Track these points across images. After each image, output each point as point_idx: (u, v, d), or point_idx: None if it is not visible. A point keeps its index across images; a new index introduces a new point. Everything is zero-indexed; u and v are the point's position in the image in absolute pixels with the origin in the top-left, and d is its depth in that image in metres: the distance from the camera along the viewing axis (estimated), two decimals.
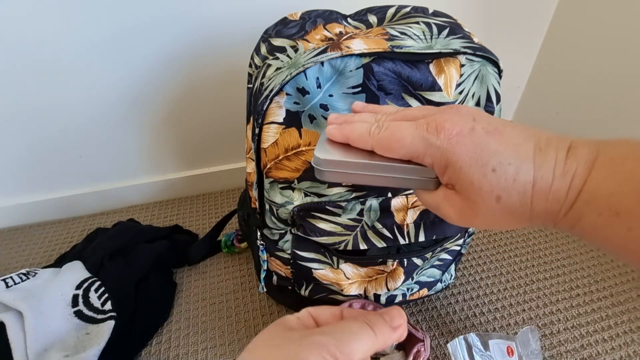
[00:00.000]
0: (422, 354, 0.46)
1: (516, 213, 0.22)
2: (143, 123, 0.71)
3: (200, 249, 0.66)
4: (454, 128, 0.23)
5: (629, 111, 0.71)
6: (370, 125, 0.26)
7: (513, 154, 0.22)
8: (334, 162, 0.26)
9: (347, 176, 0.26)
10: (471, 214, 0.24)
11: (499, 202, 0.22)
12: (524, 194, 0.22)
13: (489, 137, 0.22)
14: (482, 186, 0.22)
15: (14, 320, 0.47)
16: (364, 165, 0.25)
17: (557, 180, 0.21)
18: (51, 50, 0.58)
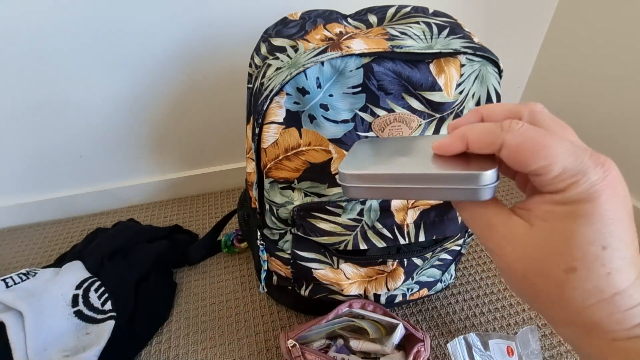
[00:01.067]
0: (422, 354, 0.46)
1: (571, 297, 0.19)
2: (143, 123, 0.71)
3: (200, 249, 0.66)
4: (616, 172, 0.19)
5: (629, 111, 0.71)
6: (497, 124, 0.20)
7: (631, 254, 0.19)
8: (363, 177, 0.23)
9: (378, 191, 0.23)
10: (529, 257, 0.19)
11: (568, 273, 0.18)
12: (599, 291, 0.18)
13: (629, 218, 0.19)
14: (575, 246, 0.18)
15: (14, 320, 0.47)
16: (400, 177, 0.22)
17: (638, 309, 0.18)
18: (51, 50, 0.58)
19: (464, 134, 0.21)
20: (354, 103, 0.38)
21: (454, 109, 0.40)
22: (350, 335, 0.50)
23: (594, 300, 0.18)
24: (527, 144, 0.19)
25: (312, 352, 0.44)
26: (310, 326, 0.46)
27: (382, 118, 0.38)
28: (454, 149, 0.21)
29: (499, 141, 0.19)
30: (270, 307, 0.59)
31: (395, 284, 0.49)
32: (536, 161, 0.18)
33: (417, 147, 0.25)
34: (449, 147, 0.21)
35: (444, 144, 0.21)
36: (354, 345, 0.49)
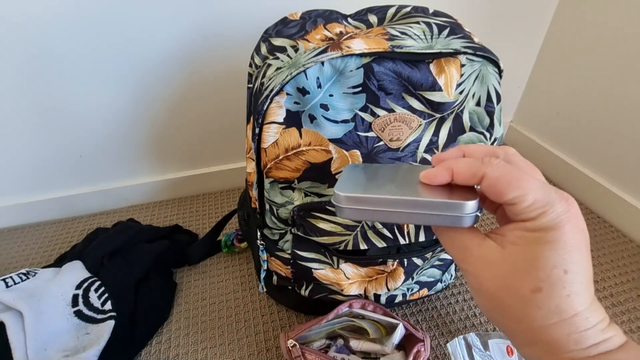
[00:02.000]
0: (422, 354, 0.46)
1: (534, 316, 0.21)
2: (143, 123, 0.71)
3: (200, 249, 0.66)
4: (576, 207, 0.22)
5: (629, 111, 0.71)
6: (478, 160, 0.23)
7: (587, 280, 0.21)
8: (357, 199, 0.24)
9: (371, 213, 0.24)
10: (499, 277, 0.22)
11: (534, 293, 0.21)
12: (560, 311, 0.20)
13: (587, 248, 0.22)
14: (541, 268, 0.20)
15: (14, 320, 0.47)
16: (393, 202, 0.23)
17: (593, 330, 0.21)
18: (51, 51, 0.58)
19: (450, 166, 0.23)
20: (354, 103, 0.38)
21: (454, 109, 0.40)
22: (350, 335, 0.50)
23: (555, 319, 0.20)
24: (505, 177, 0.21)
25: (312, 352, 0.44)
26: (310, 326, 0.46)
27: (382, 118, 0.38)
28: (440, 179, 0.24)
29: (480, 173, 0.22)
30: (270, 307, 0.59)
31: (395, 284, 0.49)
32: (512, 191, 0.21)
33: (405, 175, 0.27)
34: (435, 177, 0.24)
35: (432, 173, 0.24)
36: (354, 345, 0.49)
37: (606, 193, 0.76)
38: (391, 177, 0.27)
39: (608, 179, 0.77)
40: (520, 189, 0.21)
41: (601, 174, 0.78)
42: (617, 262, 0.67)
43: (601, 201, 0.78)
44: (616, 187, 0.75)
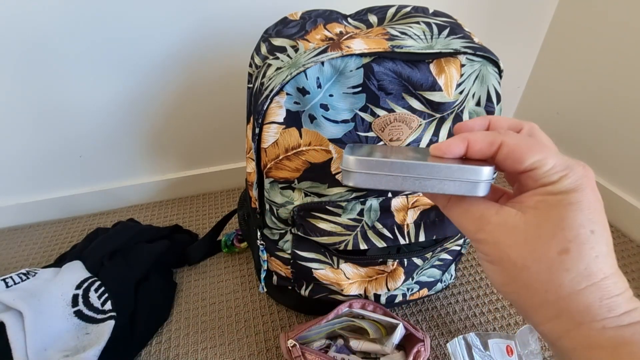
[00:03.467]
0: (422, 354, 0.46)
1: (563, 281, 0.20)
2: (143, 123, 0.71)
3: (200, 249, 0.66)
4: (592, 172, 0.22)
5: (629, 111, 0.71)
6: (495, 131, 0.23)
7: (611, 243, 0.21)
8: (369, 163, 0.22)
9: (381, 180, 0.23)
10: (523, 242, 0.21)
11: (562, 254, 0.20)
12: (589, 273, 0.20)
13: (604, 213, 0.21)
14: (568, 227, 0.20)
15: (14, 320, 0.47)
16: (406, 166, 0.22)
17: (623, 297, 0.20)
18: (51, 51, 0.58)
19: (465, 137, 0.23)
20: (354, 103, 0.38)
21: (454, 109, 0.40)
22: (350, 335, 0.50)
23: (584, 283, 0.20)
24: (524, 142, 0.21)
25: (312, 352, 0.44)
26: (310, 326, 0.46)
27: (382, 118, 0.38)
28: (455, 150, 0.23)
29: (498, 140, 0.22)
30: (270, 307, 0.59)
31: (395, 284, 0.49)
32: (533, 156, 0.21)
33: (415, 151, 0.26)
34: (449, 147, 0.23)
35: (446, 144, 0.23)
36: (354, 345, 0.49)
37: (606, 193, 0.76)
38: (402, 151, 0.26)
39: (608, 179, 0.77)
40: (540, 152, 0.21)
41: (601, 174, 0.78)
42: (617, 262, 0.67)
43: None
44: (616, 187, 0.75)
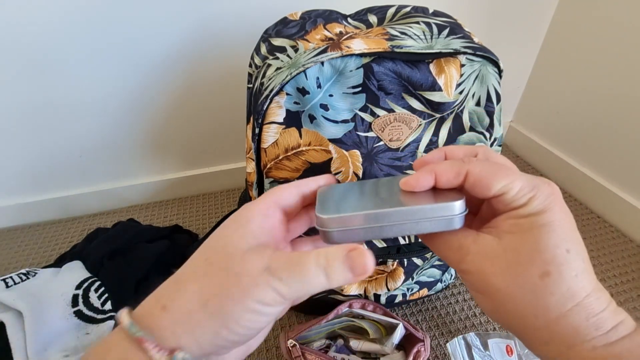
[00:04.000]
0: (422, 354, 0.46)
1: (549, 305, 0.20)
2: (143, 123, 0.71)
3: None
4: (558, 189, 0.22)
5: (629, 111, 0.71)
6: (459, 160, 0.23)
7: (587, 259, 0.21)
8: (343, 220, 0.22)
9: (360, 232, 0.23)
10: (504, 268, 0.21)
11: (544, 278, 0.20)
12: (572, 294, 0.20)
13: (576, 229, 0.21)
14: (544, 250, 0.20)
15: (14, 320, 0.47)
16: (381, 216, 0.22)
17: (608, 312, 0.20)
18: (52, 51, 0.58)
19: (432, 169, 0.23)
20: (354, 103, 0.38)
21: (454, 109, 0.40)
22: (350, 335, 0.50)
23: (569, 304, 0.20)
24: (489, 169, 0.22)
25: (312, 352, 0.44)
26: (310, 326, 0.46)
27: (382, 118, 0.38)
28: (424, 183, 0.23)
29: (464, 171, 0.22)
30: None
31: (395, 284, 0.49)
32: (499, 181, 0.21)
33: (386, 187, 0.25)
34: (418, 181, 0.23)
35: (414, 179, 0.23)
36: (354, 345, 0.49)
37: (606, 193, 0.76)
38: (371, 191, 0.25)
39: (608, 179, 0.77)
40: (506, 177, 0.21)
41: (601, 174, 0.78)
42: (617, 262, 0.67)
43: (601, 201, 0.78)
44: (616, 187, 0.75)
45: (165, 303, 0.19)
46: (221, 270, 0.19)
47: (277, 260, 0.19)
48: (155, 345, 0.18)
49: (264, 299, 0.19)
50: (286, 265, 0.19)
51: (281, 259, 0.19)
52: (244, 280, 0.19)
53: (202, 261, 0.21)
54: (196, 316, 0.19)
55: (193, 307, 0.19)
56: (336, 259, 0.19)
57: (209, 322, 0.19)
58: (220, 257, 0.20)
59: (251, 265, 0.19)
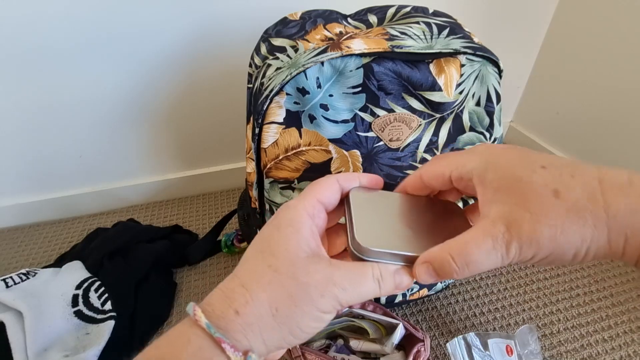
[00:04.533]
0: (422, 354, 0.46)
1: (586, 210, 0.18)
2: (143, 123, 0.71)
3: (200, 249, 0.66)
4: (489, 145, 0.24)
5: (629, 111, 0.71)
6: None
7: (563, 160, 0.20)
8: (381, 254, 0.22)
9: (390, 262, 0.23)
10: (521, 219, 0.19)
11: (558, 196, 0.18)
12: (590, 187, 0.18)
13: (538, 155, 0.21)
14: (532, 180, 0.19)
15: (14, 321, 0.47)
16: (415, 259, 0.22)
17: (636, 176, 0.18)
18: (52, 50, 0.58)
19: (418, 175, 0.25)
20: (354, 103, 0.38)
21: (454, 109, 0.40)
22: (350, 335, 0.50)
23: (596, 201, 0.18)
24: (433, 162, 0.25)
25: (312, 352, 0.44)
26: None
27: (382, 118, 0.38)
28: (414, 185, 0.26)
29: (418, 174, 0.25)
30: None
31: None
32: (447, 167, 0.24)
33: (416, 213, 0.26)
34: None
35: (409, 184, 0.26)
36: (354, 345, 0.49)
37: None
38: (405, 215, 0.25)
39: None
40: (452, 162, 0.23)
41: None
42: (617, 262, 0.67)
43: None
44: None
45: (237, 308, 0.20)
46: (288, 278, 0.21)
47: (339, 271, 0.21)
48: (232, 346, 0.19)
49: (326, 308, 0.21)
50: (348, 276, 0.21)
51: (342, 270, 0.21)
52: (312, 291, 0.20)
53: (266, 267, 0.21)
54: (267, 322, 0.20)
55: (264, 313, 0.20)
56: (389, 273, 0.22)
57: (277, 327, 0.20)
58: (285, 265, 0.21)
59: (317, 276, 0.21)
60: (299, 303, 0.20)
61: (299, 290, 0.20)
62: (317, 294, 0.20)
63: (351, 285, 0.21)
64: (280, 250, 0.21)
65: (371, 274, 0.21)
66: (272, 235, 0.22)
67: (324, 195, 0.24)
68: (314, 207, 0.23)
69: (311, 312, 0.20)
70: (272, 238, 0.22)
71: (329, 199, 0.24)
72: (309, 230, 0.22)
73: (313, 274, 0.21)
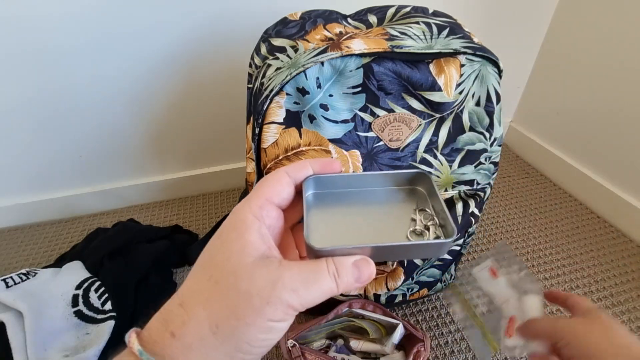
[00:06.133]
0: (422, 354, 0.46)
1: None
2: (143, 123, 0.71)
3: (200, 249, 0.65)
4: None
5: (629, 111, 0.71)
6: None
7: None
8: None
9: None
10: None
11: None
12: None
13: None
14: None
15: (14, 320, 0.47)
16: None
17: None
18: (52, 50, 0.58)
19: None
20: (354, 103, 0.38)
21: (454, 109, 0.40)
22: (350, 335, 0.50)
23: None
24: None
25: (312, 352, 0.44)
26: (310, 326, 0.46)
27: (382, 118, 0.38)
28: None
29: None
30: None
31: (395, 284, 0.49)
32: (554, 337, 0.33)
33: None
34: None
35: None
36: (354, 345, 0.49)
37: (606, 193, 0.76)
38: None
39: (608, 179, 0.77)
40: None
41: (601, 174, 0.78)
42: (617, 262, 0.67)
43: (601, 201, 0.78)
44: (616, 187, 0.75)
45: (173, 330, 0.18)
46: (228, 289, 0.18)
47: (289, 272, 0.19)
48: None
49: (276, 316, 0.18)
50: (300, 275, 0.19)
51: (294, 270, 0.19)
52: (255, 300, 0.18)
53: (205, 280, 0.19)
54: (208, 342, 0.18)
55: (204, 332, 0.18)
56: (345, 267, 0.20)
57: (221, 346, 0.18)
58: (225, 275, 0.19)
59: (260, 282, 0.18)
60: (241, 316, 0.18)
61: (240, 301, 0.18)
62: (261, 303, 0.18)
63: (304, 285, 0.19)
64: (221, 260, 0.20)
65: (326, 269, 0.19)
66: (214, 244, 0.21)
67: (272, 192, 0.22)
68: (261, 207, 0.21)
69: (257, 323, 0.18)
70: (214, 247, 0.20)
71: (279, 195, 0.22)
72: (257, 233, 0.20)
73: (256, 280, 0.18)
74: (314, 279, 0.19)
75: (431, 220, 0.23)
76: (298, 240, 0.25)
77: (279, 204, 0.22)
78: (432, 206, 0.24)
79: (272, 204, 0.22)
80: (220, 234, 0.21)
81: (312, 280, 0.19)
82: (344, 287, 0.19)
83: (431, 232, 0.23)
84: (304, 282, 0.19)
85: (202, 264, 0.21)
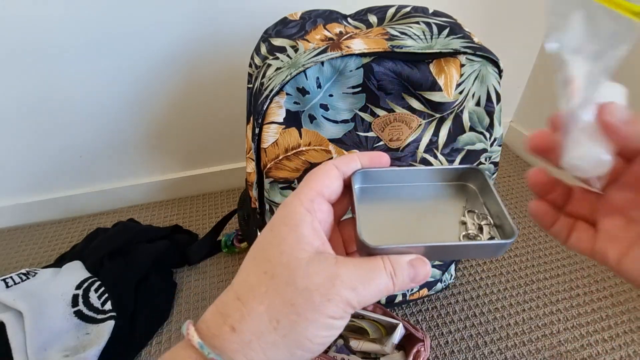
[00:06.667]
0: (422, 354, 0.46)
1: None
2: (143, 123, 0.71)
3: (200, 249, 0.66)
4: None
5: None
6: None
7: None
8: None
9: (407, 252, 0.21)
10: None
11: None
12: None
13: None
14: None
15: (14, 320, 0.48)
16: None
17: None
18: (52, 50, 0.58)
19: None
20: (354, 103, 0.38)
21: (454, 108, 0.40)
22: (350, 335, 0.50)
23: None
24: None
25: None
26: None
27: (382, 118, 0.38)
28: None
29: None
30: None
31: None
32: None
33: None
34: None
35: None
36: (354, 345, 0.49)
37: None
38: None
39: None
40: None
41: None
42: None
43: None
44: None
45: (233, 324, 0.18)
46: (286, 285, 0.18)
47: (346, 269, 0.18)
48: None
49: (336, 313, 0.18)
50: (357, 273, 0.19)
51: (350, 267, 0.19)
52: (315, 296, 0.18)
53: (261, 274, 0.19)
54: (268, 338, 0.18)
55: (263, 327, 0.18)
56: (402, 266, 0.19)
57: (282, 342, 0.18)
58: (281, 270, 0.19)
59: (318, 279, 0.18)
60: (302, 311, 0.18)
61: (299, 297, 0.18)
62: (321, 299, 0.18)
63: (362, 284, 0.18)
64: (274, 254, 0.19)
65: (383, 268, 0.19)
66: (266, 237, 0.20)
67: (322, 185, 0.21)
68: (312, 201, 0.20)
69: (318, 320, 0.18)
70: (266, 240, 0.20)
71: (329, 188, 0.21)
72: (310, 227, 0.19)
73: (313, 277, 0.18)
74: (371, 277, 0.19)
75: (484, 219, 0.22)
76: (344, 235, 0.24)
77: (329, 197, 0.22)
78: (484, 204, 0.23)
79: (322, 198, 0.21)
80: (271, 227, 0.20)
81: (369, 278, 0.19)
82: (399, 286, 0.19)
83: (485, 232, 0.22)
84: (361, 279, 0.18)
85: (253, 257, 0.20)
